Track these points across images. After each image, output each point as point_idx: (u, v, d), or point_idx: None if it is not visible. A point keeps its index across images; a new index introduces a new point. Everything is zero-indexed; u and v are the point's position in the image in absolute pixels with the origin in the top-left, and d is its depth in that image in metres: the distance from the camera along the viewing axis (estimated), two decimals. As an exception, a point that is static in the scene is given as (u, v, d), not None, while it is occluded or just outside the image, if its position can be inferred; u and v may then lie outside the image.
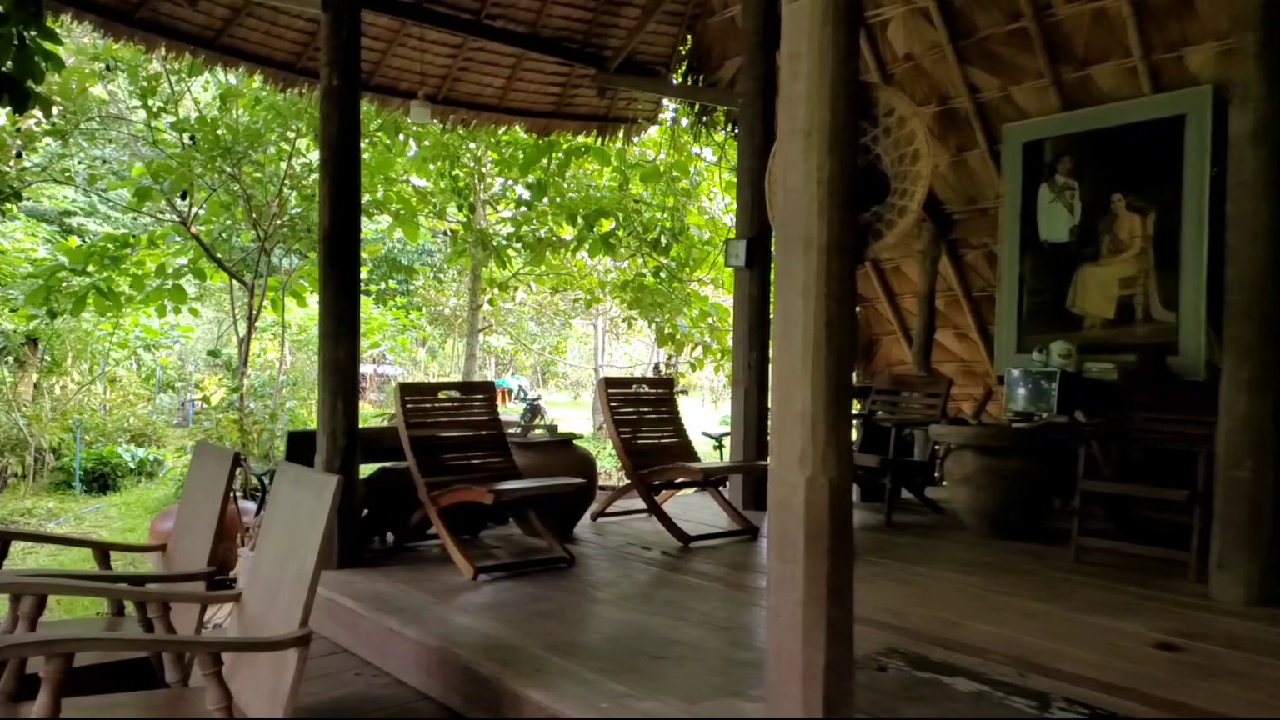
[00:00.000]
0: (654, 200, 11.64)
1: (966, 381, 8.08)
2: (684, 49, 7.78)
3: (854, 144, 2.45)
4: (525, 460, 5.10)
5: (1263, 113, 3.98)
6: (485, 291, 13.50)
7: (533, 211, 11.47)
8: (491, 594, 4.08)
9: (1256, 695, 2.87)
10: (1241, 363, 4.00)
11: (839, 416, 2.33)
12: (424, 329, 17.96)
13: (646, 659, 3.17)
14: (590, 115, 8.06)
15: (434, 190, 11.75)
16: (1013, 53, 6.46)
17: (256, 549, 2.88)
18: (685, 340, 12.17)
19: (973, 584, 4.34)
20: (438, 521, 4.45)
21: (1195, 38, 5.69)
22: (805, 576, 2.30)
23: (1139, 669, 3.10)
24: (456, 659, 3.24)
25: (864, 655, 3.14)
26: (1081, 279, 6.46)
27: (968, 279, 7.71)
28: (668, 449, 5.67)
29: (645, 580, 4.40)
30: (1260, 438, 3.95)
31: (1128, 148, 6.16)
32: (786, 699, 2.31)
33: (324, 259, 4.50)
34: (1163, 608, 3.90)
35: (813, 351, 2.32)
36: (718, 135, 8.80)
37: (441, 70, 7.27)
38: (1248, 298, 4.01)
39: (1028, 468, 5.36)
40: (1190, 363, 5.77)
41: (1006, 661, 3.16)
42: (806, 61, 2.39)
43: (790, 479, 2.33)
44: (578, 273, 13.71)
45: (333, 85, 4.43)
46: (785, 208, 2.41)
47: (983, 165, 7.13)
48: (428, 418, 4.83)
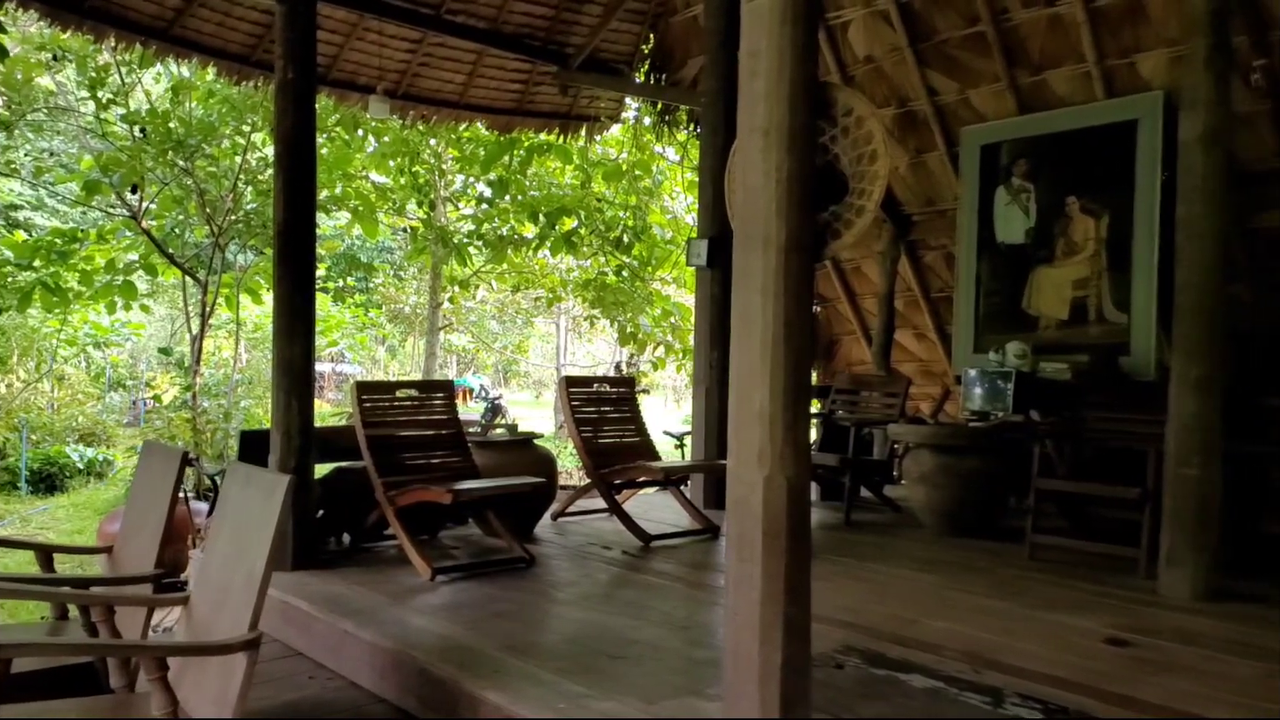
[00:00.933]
0: (616, 199, 11.62)
1: (925, 381, 8.17)
2: (647, 48, 7.78)
3: (813, 143, 2.45)
4: (485, 460, 5.06)
5: (1212, 118, 4.06)
6: (446, 289, 13.38)
7: (494, 209, 11.39)
8: (449, 595, 4.03)
9: (1204, 689, 2.92)
10: (1190, 363, 4.08)
11: (797, 415, 2.33)
12: (383, 327, 17.74)
13: (605, 659, 3.15)
14: (552, 113, 8.02)
15: (394, 187, 11.62)
16: (970, 56, 6.54)
17: (205, 551, 2.81)
18: (647, 339, 12.16)
19: (929, 581, 4.38)
20: (395, 522, 4.39)
21: (1147, 44, 5.80)
22: (763, 575, 2.29)
23: (1090, 664, 3.15)
24: (412, 661, 3.19)
25: (822, 653, 3.15)
26: (1037, 280, 6.57)
27: (926, 280, 7.80)
28: (629, 448, 5.66)
29: (605, 580, 4.38)
30: (1208, 437, 4.03)
31: (1082, 151, 6.27)
32: (743, 698, 2.30)
33: (278, 255, 4.42)
34: (1114, 603, 3.97)
35: (771, 350, 2.32)
36: (680, 134, 8.81)
37: (401, 65, 7.19)
38: (1196, 299, 4.09)
39: (984, 466, 5.42)
40: (1141, 363, 5.89)
41: (962, 658, 3.19)
42: (766, 60, 2.38)
43: (748, 478, 2.33)
44: (539, 271, 13.64)
45: (288, 78, 4.36)
46: (744, 206, 2.41)
47: (941, 167, 7.22)
48: (385, 417, 4.77)
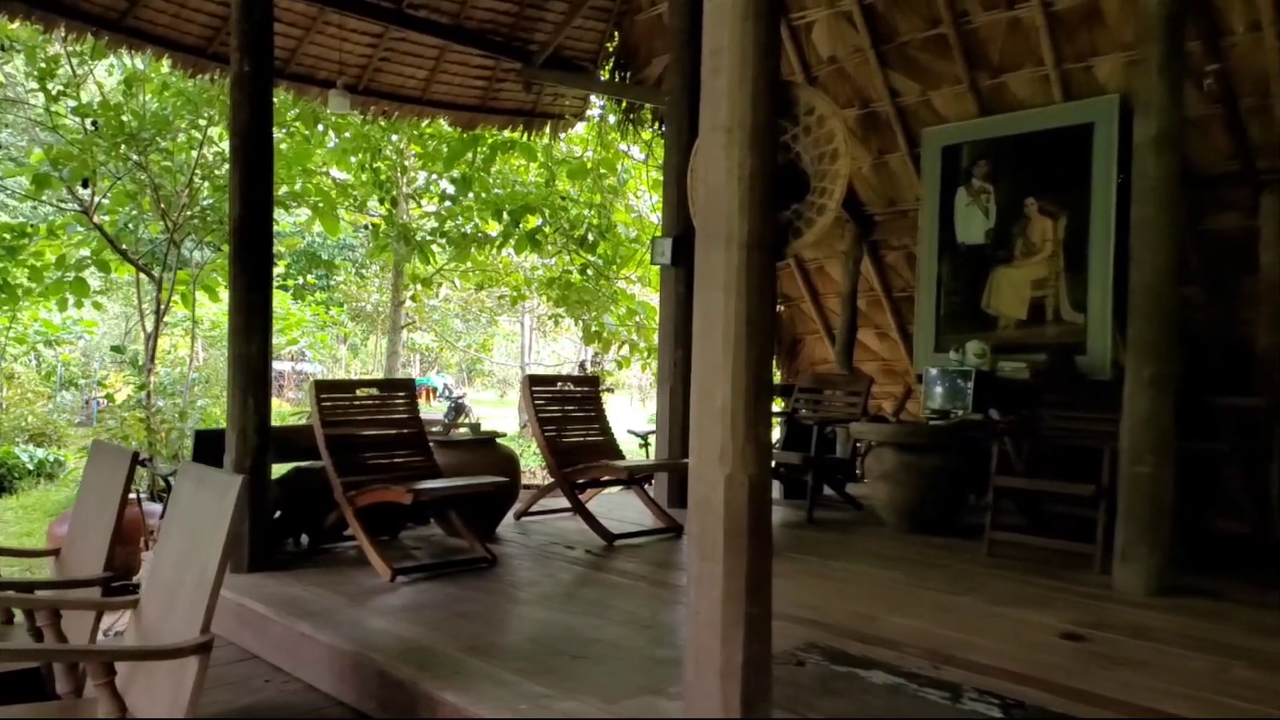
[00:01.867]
0: (581, 197, 11.58)
1: (887, 380, 8.24)
2: (611, 45, 7.76)
3: (775, 141, 2.45)
4: (447, 459, 5.01)
5: (1165, 121, 4.13)
6: (408, 287, 13.24)
7: (457, 206, 11.30)
8: (409, 596, 3.98)
9: (1157, 682, 2.97)
10: (1143, 362, 4.15)
11: (759, 413, 2.33)
12: (345, 325, 17.53)
13: (567, 659, 3.13)
14: (516, 110, 7.97)
15: (355, 183, 11.47)
16: (932, 58, 6.61)
17: (155, 553, 2.75)
18: (612, 338, 12.14)
19: (891, 578, 4.42)
20: (354, 522, 4.33)
21: (1104, 48, 5.90)
22: (724, 574, 2.29)
23: (1046, 658, 3.19)
24: (371, 663, 3.15)
25: (784, 650, 3.16)
26: (996, 280, 6.65)
27: (889, 279, 7.86)
28: (592, 447, 5.64)
29: (568, 579, 4.36)
30: (1161, 435, 4.10)
31: (1040, 153, 6.36)
32: (704, 696, 2.30)
33: (234, 251, 4.34)
34: (1070, 599, 4.03)
35: (733, 348, 2.31)
36: (645, 133, 8.80)
37: (361, 60, 7.10)
38: (1149, 300, 4.16)
39: (944, 464, 5.48)
40: (1097, 362, 5.98)
41: (921, 654, 3.22)
42: (728, 57, 2.38)
43: (710, 476, 2.32)
44: (503, 269, 13.55)
45: (244, 71, 4.27)
46: (706, 204, 2.40)
47: (903, 168, 7.28)
48: (345, 416, 4.70)
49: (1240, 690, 2.92)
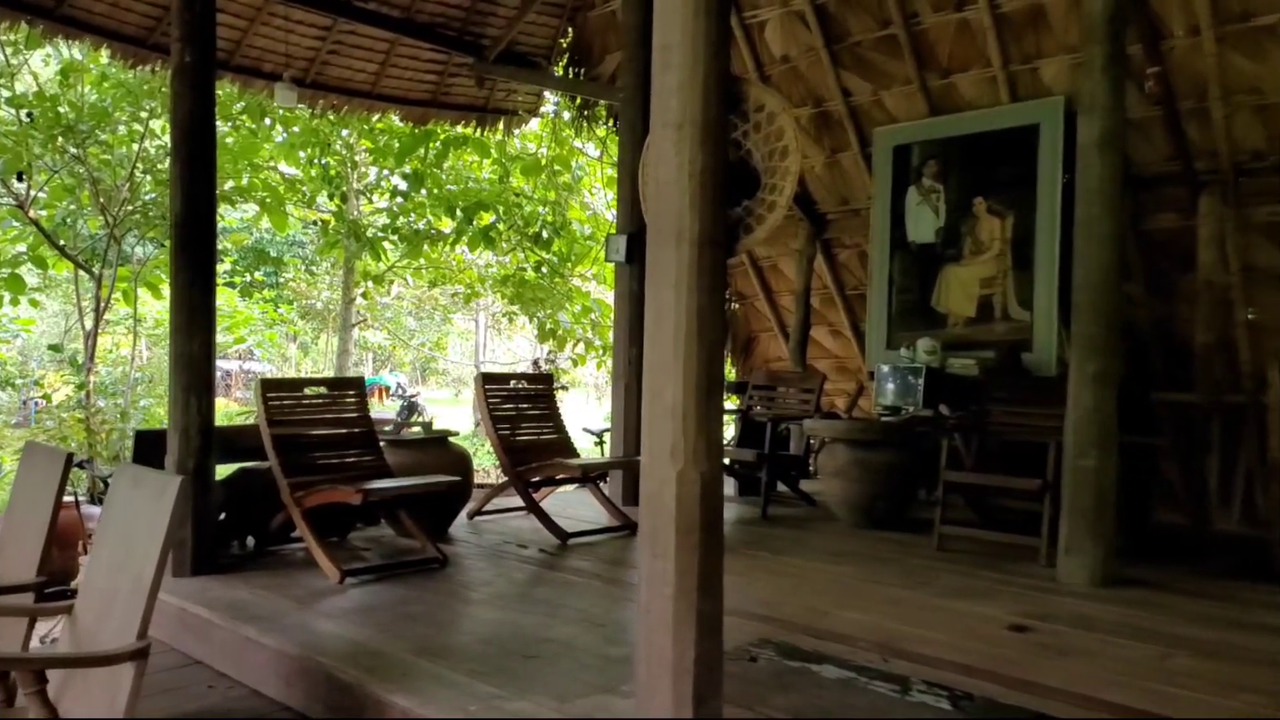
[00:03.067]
0: (535, 194, 11.50)
1: (840, 377, 8.32)
2: (565, 41, 7.71)
3: (725, 138, 2.45)
4: (398, 459, 4.94)
5: (1108, 122, 4.22)
6: (359, 285, 13.04)
7: (409, 203, 11.15)
8: (359, 598, 3.92)
9: (1100, 671, 3.03)
10: (1087, 358, 4.23)
11: (710, 410, 2.33)
12: (295, 324, 17.21)
13: (519, 659, 3.10)
14: (469, 105, 7.88)
15: (304, 178, 11.25)
16: (883, 58, 6.67)
17: (90, 558, 2.66)
18: (567, 336, 12.09)
19: (843, 573, 4.45)
20: (301, 523, 4.25)
21: (1049, 51, 6.01)
22: (676, 570, 2.28)
23: (994, 650, 3.24)
24: (318, 667, 3.09)
25: (737, 646, 3.16)
26: (946, 279, 6.74)
27: (841, 278, 7.93)
28: (547, 446, 5.60)
29: (521, 579, 4.32)
30: (1104, 429, 4.19)
31: (988, 153, 6.46)
32: (656, 694, 2.29)
33: (176, 246, 4.23)
34: (1016, 591, 4.09)
35: (684, 345, 2.30)
36: (600, 130, 8.77)
37: (309, 52, 6.96)
38: (1093, 297, 4.25)
39: (896, 460, 5.54)
40: (1043, 359, 6.10)
41: (872, 648, 3.25)
42: (679, 53, 2.37)
43: (661, 473, 2.32)
44: (457, 267, 13.42)
45: (185, 62, 4.16)
46: (657, 201, 2.39)
47: (855, 167, 7.35)
48: (292, 415, 4.61)
49: (1181, 678, 2.98)
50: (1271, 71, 5.27)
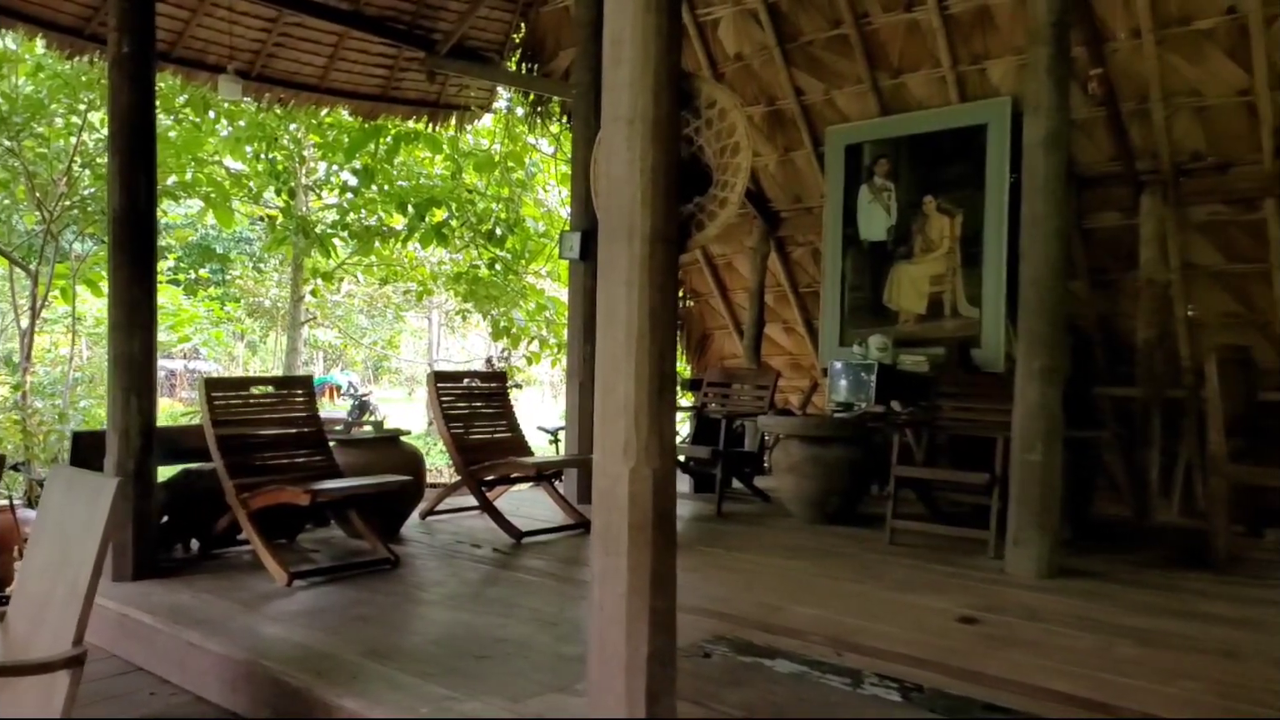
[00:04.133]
0: (488, 190, 11.40)
1: (794, 374, 8.38)
2: (518, 36, 7.65)
3: (677, 133, 2.43)
4: (348, 459, 4.87)
5: (1053, 122, 4.30)
6: (308, 282, 12.80)
7: (359, 199, 10.97)
8: (307, 600, 3.85)
9: (1046, 661, 3.09)
10: (1033, 354, 4.31)
11: (662, 407, 2.32)
12: (242, 322, 16.86)
13: (471, 659, 3.07)
14: (420, 100, 7.79)
15: (250, 173, 11.01)
16: (834, 58, 6.73)
17: (24, 563, 2.57)
18: (522, 334, 12.01)
19: (796, 568, 4.48)
20: (247, 525, 4.16)
21: (996, 51, 6.11)
22: (629, 568, 2.27)
23: (943, 642, 3.28)
24: (265, 671, 3.02)
25: (691, 643, 3.16)
26: (897, 276, 6.83)
27: (795, 275, 7.99)
28: (500, 444, 5.56)
29: (474, 578, 4.28)
30: (1050, 424, 4.27)
31: (938, 153, 6.56)
32: (609, 692, 2.27)
33: (114, 242, 4.10)
34: (966, 583, 4.16)
35: (635, 341, 2.29)
36: (554, 126, 8.72)
37: (254, 44, 6.81)
38: (1038, 294, 4.33)
39: (848, 456, 5.59)
40: (992, 355, 6.20)
41: (825, 642, 3.27)
42: (630, 48, 2.36)
43: (614, 470, 2.30)
44: (409, 264, 13.24)
45: (123, 52, 4.05)
46: (609, 197, 2.37)
47: (808, 165, 7.40)
48: (238, 415, 4.51)
49: (1123, 667, 3.05)
50: (1210, 74, 5.42)
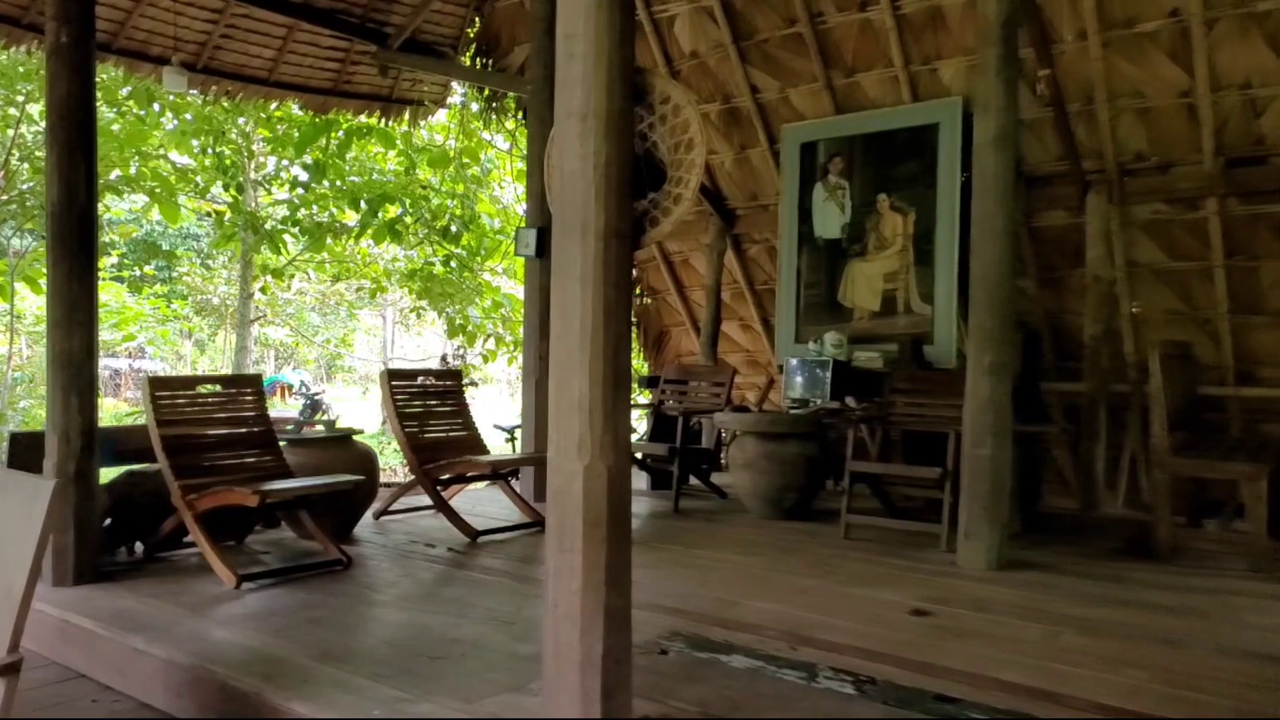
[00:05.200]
0: (443, 186, 11.28)
1: (751, 371, 8.43)
2: (472, 31, 7.58)
3: (631, 129, 2.43)
4: (299, 458, 4.79)
5: (1002, 122, 4.37)
6: (258, 279, 12.56)
7: (310, 194, 10.80)
8: (256, 603, 3.77)
9: (995, 652, 3.14)
10: (983, 350, 4.38)
11: (617, 403, 2.31)
12: (189, 320, 16.48)
13: (425, 660, 3.03)
14: (372, 95, 7.68)
15: (197, 168, 10.77)
16: (789, 56, 6.77)
17: (-44, 568, 2.48)
18: (478, 331, 11.92)
19: (752, 564, 4.51)
20: (194, 527, 4.07)
21: (947, 52, 6.19)
22: (584, 565, 2.26)
23: (896, 635, 3.32)
24: (212, 676, 2.96)
25: (647, 640, 3.16)
26: (851, 274, 6.89)
27: (751, 273, 8.03)
28: (456, 442, 5.51)
29: (428, 579, 4.23)
30: (1000, 418, 4.34)
31: (891, 151, 6.63)
32: (564, 690, 2.26)
33: (53, 238, 3.98)
34: (918, 576, 4.21)
35: (590, 338, 2.28)
36: (509, 122, 8.66)
37: (201, 36, 6.66)
38: (988, 292, 4.39)
39: (804, 452, 5.63)
40: (944, 351, 6.29)
41: (780, 636, 3.29)
42: (582, 43, 2.35)
43: (568, 467, 2.29)
44: (362, 261, 13.07)
45: (61, 42, 3.93)
46: (562, 193, 2.36)
47: (764, 163, 7.44)
48: (184, 414, 4.41)
49: (1068, 655, 3.11)
50: (1153, 76, 5.55)
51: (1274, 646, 3.22)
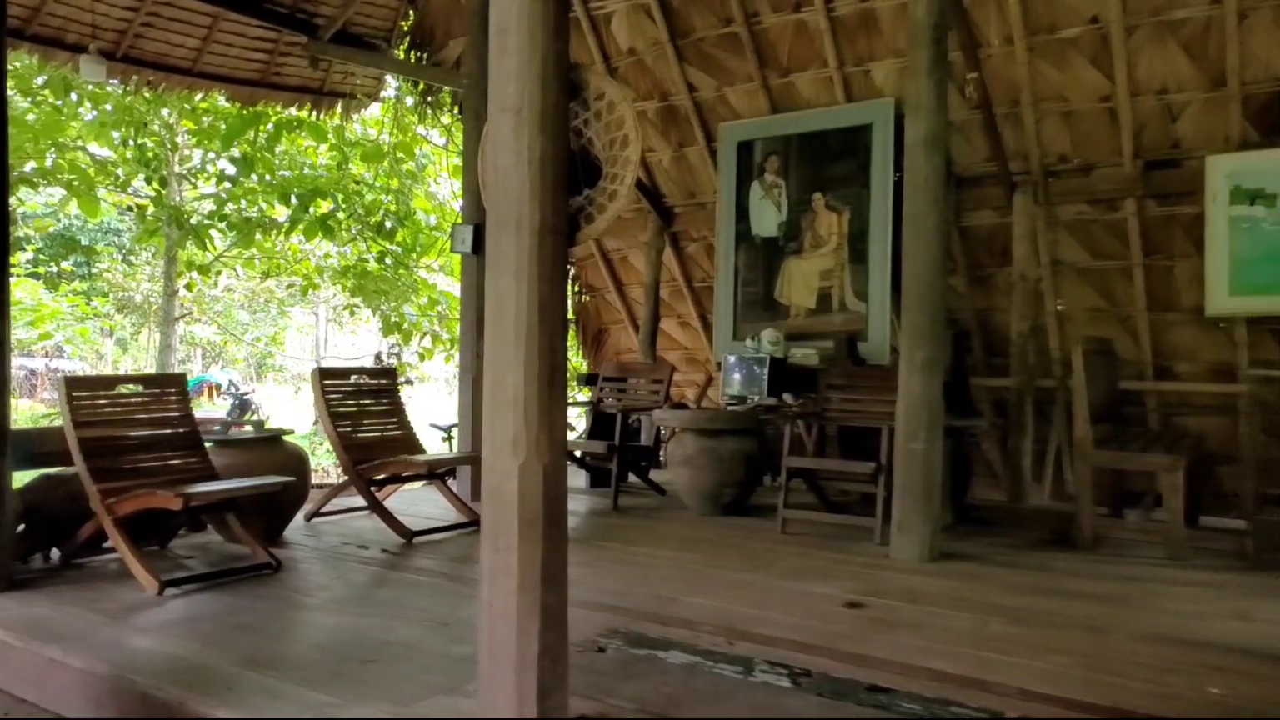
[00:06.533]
0: (377, 181, 11.08)
1: (689, 368, 8.46)
2: (406, 24, 7.46)
3: (566, 123, 2.41)
4: (227, 460, 4.65)
5: (932, 123, 4.45)
6: (183, 275, 12.16)
7: (238, 188, 10.50)
8: (181, 609, 3.65)
9: (926, 642, 3.20)
10: (915, 347, 4.46)
11: (553, 400, 2.29)
12: (111, 318, 15.88)
13: (356, 664, 2.97)
14: (302, 87, 7.50)
15: (118, 160, 10.38)
16: (726, 55, 6.81)
17: None
18: (414, 329, 11.74)
19: (691, 560, 4.52)
20: (114, 532, 3.92)
21: (880, 54, 6.29)
22: (519, 564, 2.24)
23: (831, 627, 3.36)
24: (132, 686, 2.85)
25: (585, 638, 3.14)
26: (788, 271, 6.97)
27: (689, 270, 8.06)
28: (390, 442, 5.42)
29: (361, 581, 4.15)
30: (931, 413, 4.43)
31: (826, 151, 6.72)
32: (499, 691, 2.24)
33: (-41, 231, 3.79)
34: (853, 570, 4.27)
35: (525, 334, 2.26)
36: (445, 116, 8.54)
37: (120, 24, 6.42)
38: (920, 289, 4.48)
39: (742, 448, 5.67)
40: (877, 348, 6.40)
41: (717, 631, 3.30)
42: (516, 37, 2.33)
43: (503, 465, 2.26)
44: (293, 257, 12.75)
45: (-32, 26, 3.74)
46: (497, 188, 2.33)
47: (701, 161, 7.48)
48: (103, 415, 4.24)
49: (996, 644, 3.19)
50: (1075, 81, 5.72)
51: (1190, 631, 3.35)
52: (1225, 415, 6.05)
